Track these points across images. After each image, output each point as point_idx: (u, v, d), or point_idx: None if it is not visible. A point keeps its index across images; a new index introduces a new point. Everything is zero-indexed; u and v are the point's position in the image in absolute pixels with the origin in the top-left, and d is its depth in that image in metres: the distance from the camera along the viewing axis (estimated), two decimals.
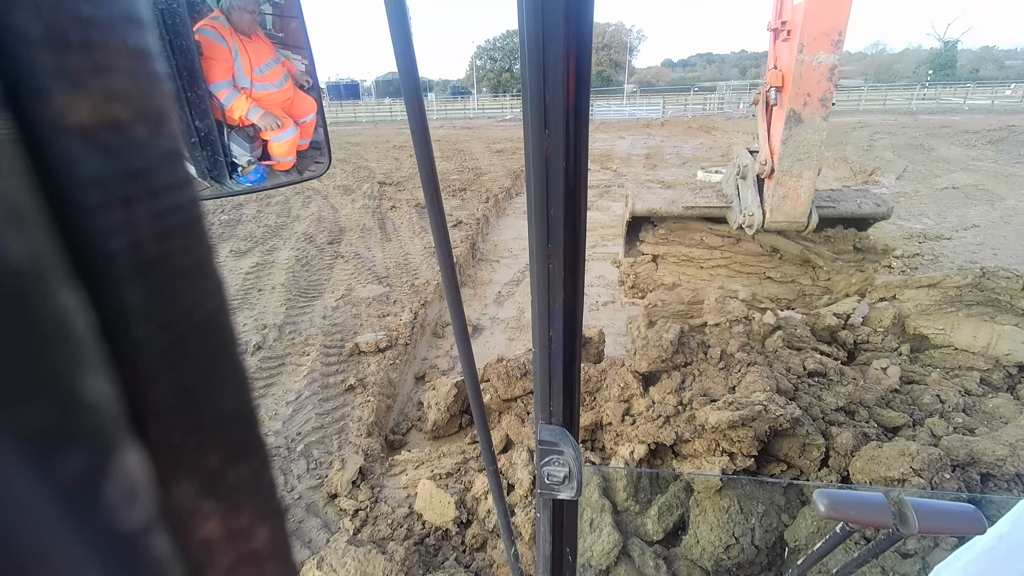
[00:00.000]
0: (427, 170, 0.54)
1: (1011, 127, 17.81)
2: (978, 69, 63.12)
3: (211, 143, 1.09)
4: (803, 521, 2.38)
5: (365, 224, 8.74)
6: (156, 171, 0.16)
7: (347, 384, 4.23)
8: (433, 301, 5.79)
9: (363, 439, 3.56)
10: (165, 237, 0.16)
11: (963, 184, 10.75)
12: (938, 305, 3.85)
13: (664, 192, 3.92)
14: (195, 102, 1.02)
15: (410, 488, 3.18)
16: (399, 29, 0.46)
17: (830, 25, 2.53)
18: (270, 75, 1.25)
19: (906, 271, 6.32)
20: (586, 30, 0.41)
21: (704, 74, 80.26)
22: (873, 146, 15.46)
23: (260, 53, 1.23)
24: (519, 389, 3.76)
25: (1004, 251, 7.07)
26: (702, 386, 2.87)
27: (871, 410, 2.91)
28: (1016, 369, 3.54)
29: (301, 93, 1.32)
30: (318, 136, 1.35)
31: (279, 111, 1.28)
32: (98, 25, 0.14)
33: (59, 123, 0.13)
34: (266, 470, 0.21)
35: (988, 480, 2.46)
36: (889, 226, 8.14)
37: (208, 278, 0.18)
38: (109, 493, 0.14)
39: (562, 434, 0.64)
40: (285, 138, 1.30)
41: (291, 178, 1.37)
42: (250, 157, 1.23)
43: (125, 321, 0.15)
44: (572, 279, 0.55)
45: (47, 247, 0.13)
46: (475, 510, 2.90)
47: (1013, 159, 13.36)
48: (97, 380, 0.14)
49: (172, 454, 0.17)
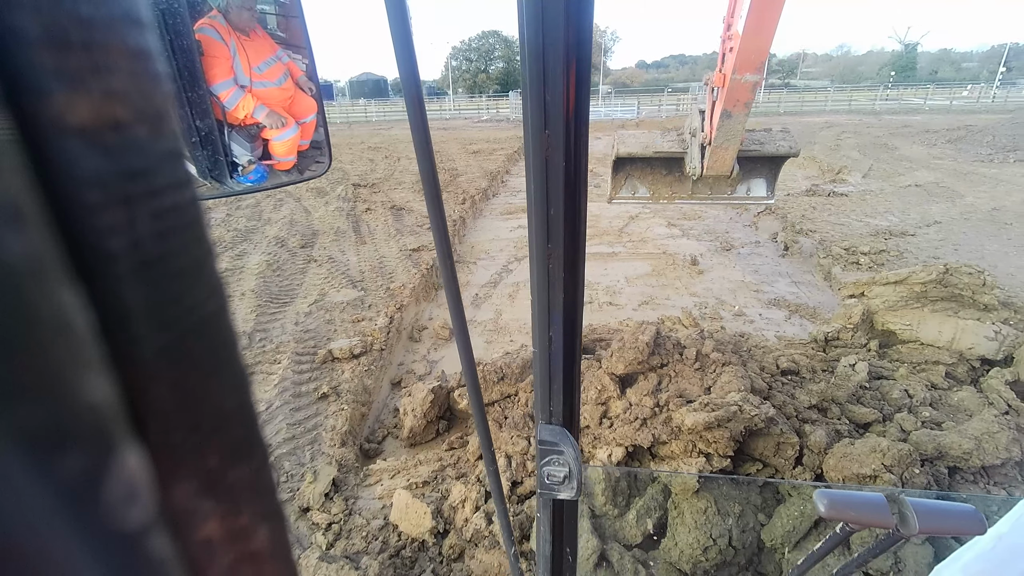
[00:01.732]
0: (427, 170, 0.54)
1: (968, 127, 18.51)
2: (937, 71, 65.56)
3: (211, 142, 1.09)
4: (779, 520, 2.39)
5: (339, 227, 8.58)
6: (156, 171, 0.16)
7: (320, 392, 4.12)
8: (409, 305, 5.70)
9: (336, 449, 3.46)
10: (165, 237, 0.16)
11: (925, 182, 11.11)
12: (904, 301, 3.94)
13: (640, 137, 4.94)
14: (195, 102, 1.02)
15: (386, 498, 3.10)
16: (399, 29, 0.45)
17: (756, 57, 3.57)
18: (269, 73, 1.26)
19: (873, 267, 6.48)
20: (586, 30, 0.41)
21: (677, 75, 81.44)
22: (840, 145, 15.88)
23: (259, 51, 1.24)
24: (496, 393, 3.72)
25: (965, 247, 7.31)
26: (678, 387, 2.87)
27: (843, 407, 2.95)
28: (979, 362, 3.64)
29: (301, 93, 1.32)
30: (319, 136, 1.35)
31: (281, 109, 1.28)
32: (98, 25, 0.14)
33: (59, 123, 0.13)
34: (266, 470, 0.21)
35: (955, 473, 2.52)
36: (856, 224, 8.36)
37: (208, 278, 0.18)
38: (109, 493, 0.14)
39: (562, 434, 0.64)
40: (286, 137, 1.30)
41: (292, 178, 1.38)
42: (251, 156, 1.24)
43: (125, 321, 0.15)
44: (572, 279, 0.55)
45: (47, 247, 0.13)
46: (452, 519, 2.84)
47: (971, 157, 13.88)
48: (97, 380, 0.14)
49: (172, 454, 0.17)
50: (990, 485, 2.48)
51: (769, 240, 8.10)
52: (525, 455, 3.14)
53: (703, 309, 5.68)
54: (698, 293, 6.13)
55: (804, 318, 5.41)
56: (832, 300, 5.75)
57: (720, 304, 5.80)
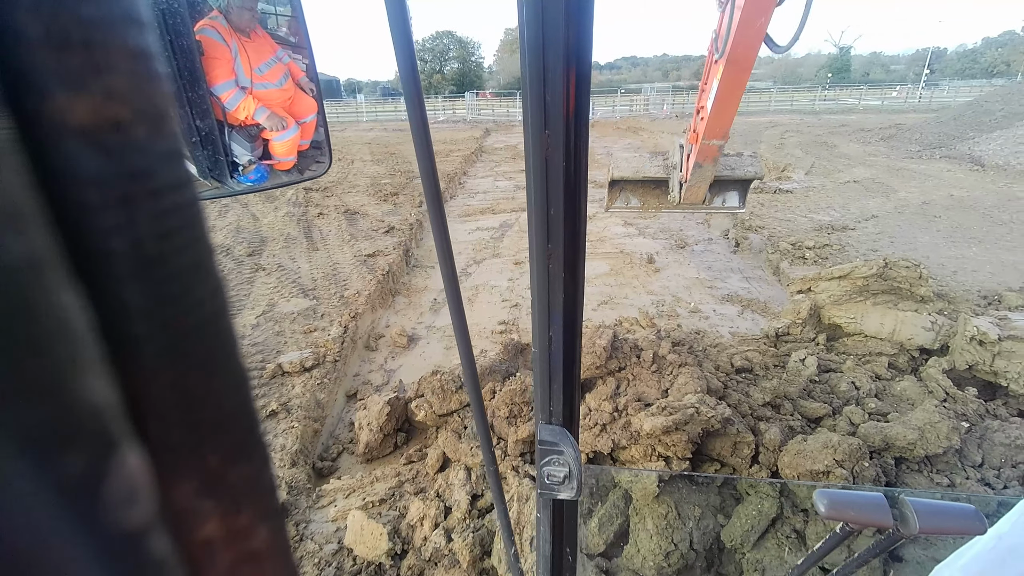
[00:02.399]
0: (427, 170, 0.54)
1: (899, 125, 19.68)
2: (869, 73, 69.65)
3: (212, 143, 1.09)
4: (738, 520, 2.41)
5: (289, 233, 8.25)
6: (156, 171, 0.16)
7: (268, 410, 3.91)
8: (365, 313, 5.52)
9: (286, 470, 3.28)
10: (165, 237, 0.16)
11: (862, 178, 11.71)
12: (848, 295, 4.09)
13: (632, 162, 5.79)
14: (195, 102, 1.02)
15: (340, 520, 2.95)
16: (399, 29, 0.45)
17: (720, 129, 4.38)
18: (270, 74, 1.26)
19: (818, 261, 6.75)
20: (586, 30, 0.41)
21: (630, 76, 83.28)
22: (784, 144, 16.55)
23: (260, 52, 1.24)
24: (455, 403, 3.62)
25: (900, 239, 7.72)
26: (636, 390, 2.86)
27: (795, 402, 3.01)
28: (918, 352, 3.81)
29: (301, 93, 1.32)
30: (319, 136, 1.35)
31: (281, 111, 1.28)
32: (98, 25, 0.14)
33: (59, 123, 0.13)
34: (266, 470, 0.21)
35: (901, 464, 2.60)
36: (801, 219, 8.70)
37: (208, 278, 0.18)
38: (109, 493, 0.14)
39: (562, 434, 0.64)
40: (286, 138, 1.30)
41: (292, 177, 1.38)
42: (251, 156, 1.24)
43: (125, 321, 0.15)
44: (572, 279, 0.55)
45: (47, 247, 0.13)
46: (410, 539, 2.73)
47: (903, 154, 14.76)
48: (97, 380, 0.14)
49: (172, 454, 0.17)
50: (933, 473, 2.58)
51: (721, 237, 8.32)
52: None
53: (660, 307, 5.75)
54: (655, 291, 6.21)
55: (756, 313, 5.56)
56: (781, 294, 5.94)
57: (676, 301, 5.89)
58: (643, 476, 2.46)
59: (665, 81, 65.42)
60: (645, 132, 21.83)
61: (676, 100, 34.54)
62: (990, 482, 2.57)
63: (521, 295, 6.24)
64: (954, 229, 8.14)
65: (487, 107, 36.00)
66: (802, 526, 2.37)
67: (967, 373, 3.44)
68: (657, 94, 38.30)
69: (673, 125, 23.12)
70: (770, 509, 2.42)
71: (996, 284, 5.84)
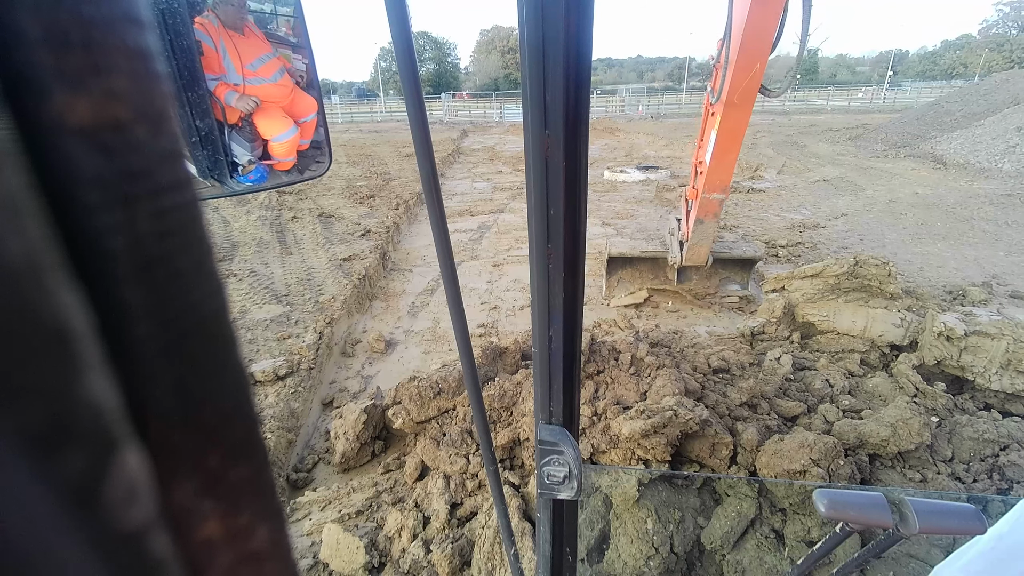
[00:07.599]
0: (427, 170, 0.54)
1: (865, 125, 20.26)
2: (835, 74, 71.63)
3: (212, 142, 1.09)
4: (717, 522, 2.41)
5: (262, 238, 8.05)
6: (156, 171, 0.16)
7: None
8: (340, 318, 5.41)
9: None
10: (165, 237, 0.16)
11: (832, 177, 12.00)
12: (821, 293, 4.15)
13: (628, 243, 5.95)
14: (195, 102, 1.02)
15: (315, 534, 2.87)
16: (399, 29, 0.46)
17: (720, 182, 4.45)
18: (263, 70, 1.25)
19: (791, 259, 6.87)
20: (586, 30, 0.41)
21: (605, 78, 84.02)
22: (756, 144, 16.87)
23: (252, 48, 1.23)
24: (433, 409, 3.55)
25: (868, 236, 7.92)
26: (615, 394, 2.84)
27: (771, 402, 3.03)
28: (888, 348, 3.90)
29: (301, 92, 1.32)
30: (319, 136, 1.35)
31: (278, 107, 1.28)
32: (98, 25, 0.14)
33: (59, 123, 0.13)
34: (266, 470, 0.21)
35: (875, 460, 2.64)
36: (774, 218, 8.86)
37: (208, 278, 0.18)
38: (109, 493, 0.14)
39: (562, 434, 0.65)
40: (286, 138, 1.30)
41: (292, 178, 1.38)
42: (251, 156, 1.24)
43: (125, 321, 0.15)
44: (572, 279, 0.55)
45: (47, 247, 0.13)
46: (388, 551, 2.66)
47: (870, 153, 15.18)
48: (97, 380, 0.14)
49: (172, 454, 0.17)
50: (906, 469, 2.63)
51: None
52: (464, 475, 3.01)
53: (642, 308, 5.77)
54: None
55: (733, 311, 5.62)
56: (757, 292, 6.02)
57: None
58: (623, 481, 2.44)
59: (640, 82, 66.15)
60: (621, 133, 22.02)
61: (651, 101, 34.91)
62: (960, 476, 2.62)
63: (500, 297, 6.20)
64: (919, 226, 8.38)
65: (464, 108, 35.87)
66: (780, 526, 2.38)
67: (936, 368, 3.52)
68: (632, 95, 38.72)
69: (649, 126, 23.36)
70: (749, 510, 2.43)
71: (960, 279, 6.03)
